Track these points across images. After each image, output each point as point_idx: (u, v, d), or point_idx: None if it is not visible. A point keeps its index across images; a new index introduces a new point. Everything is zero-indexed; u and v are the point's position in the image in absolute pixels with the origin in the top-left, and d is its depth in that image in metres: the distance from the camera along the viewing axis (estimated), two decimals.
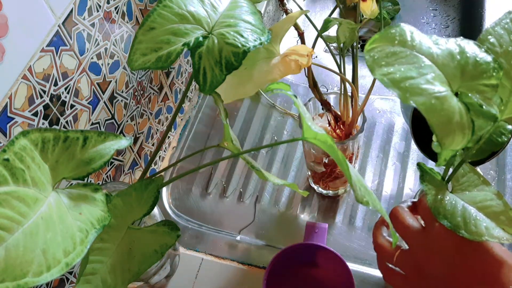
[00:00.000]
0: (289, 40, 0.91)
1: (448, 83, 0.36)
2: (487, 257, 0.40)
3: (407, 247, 0.45)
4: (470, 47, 0.38)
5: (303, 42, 0.56)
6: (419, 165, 0.43)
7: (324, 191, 0.71)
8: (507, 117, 0.39)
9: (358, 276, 0.62)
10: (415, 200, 0.48)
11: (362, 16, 0.73)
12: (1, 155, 0.30)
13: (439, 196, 0.41)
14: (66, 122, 0.51)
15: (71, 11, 0.48)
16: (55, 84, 0.48)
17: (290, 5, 0.76)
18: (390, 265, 0.46)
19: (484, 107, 0.36)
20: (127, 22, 0.59)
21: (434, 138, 0.42)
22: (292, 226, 0.70)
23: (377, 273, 0.63)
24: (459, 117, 0.35)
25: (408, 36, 0.37)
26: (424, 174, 0.43)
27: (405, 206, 0.47)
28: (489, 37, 0.39)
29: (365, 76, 0.82)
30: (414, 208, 0.47)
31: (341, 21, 0.55)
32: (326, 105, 0.61)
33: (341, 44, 0.58)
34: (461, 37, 0.39)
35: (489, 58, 0.37)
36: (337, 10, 0.61)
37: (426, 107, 0.34)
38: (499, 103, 0.38)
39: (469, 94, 0.36)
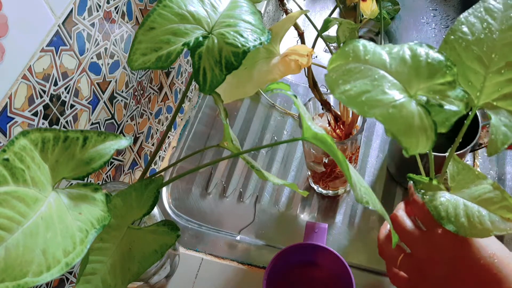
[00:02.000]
0: (289, 40, 0.91)
1: (405, 89, 0.37)
2: (487, 258, 0.40)
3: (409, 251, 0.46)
4: (423, 49, 0.38)
5: (303, 42, 0.56)
6: (409, 177, 0.44)
7: (324, 191, 0.71)
8: (484, 102, 0.40)
9: (358, 276, 0.62)
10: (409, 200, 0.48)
11: (362, 16, 0.73)
12: (1, 155, 0.30)
13: (437, 200, 0.41)
14: (66, 122, 0.51)
15: (71, 11, 0.48)
16: (55, 84, 0.48)
17: (290, 5, 0.76)
18: (396, 269, 0.47)
19: (445, 107, 0.36)
20: (127, 22, 0.59)
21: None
22: (292, 226, 0.70)
23: (376, 273, 0.63)
24: (419, 120, 0.35)
25: (361, 51, 0.38)
26: (416, 184, 0.43)
27: (402, 208, 0.48)
28: (462, 26, 0.40)
29: None
30: (408, 206, 0.47)
31: (341, 21, 0.55)
32: (326, 105, 0.61)
33: (341, 44, 0.58)
34: (416, 41, 0.39)
35: (441, 57, 0.38)
36: (337, 10, 0.62)
37: (384, 117, 0.35)
38: (477, 89, 0.39)
39: (424, 97, 0.37)
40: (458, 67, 0.40)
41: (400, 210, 0.47)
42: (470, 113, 0.40)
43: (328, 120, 0.64)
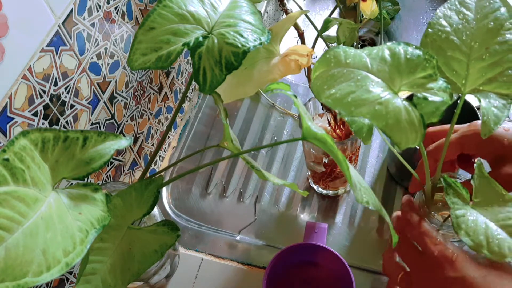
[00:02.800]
0: (289, 40, 0.91)
1: (388, 86, 0.38)
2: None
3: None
4: (401, 47, 0.39)
5: (303, 42, 0.56)
6: (444, 178, 0.43)
7: (324, 191, 0.71)
8: (471, 88, 0.40)
9: (358, 276, 0.62)
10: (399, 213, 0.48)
11: (362, 16, 0.73)
12: (1, 155, 0.30)
13: (462, 211, 0.40)
14: (66, 122, 0.51)
15: (71, 11, 0.48)
16: (55, 84, 0.48)
17: (290, 5, 0.76)
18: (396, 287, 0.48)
19: (429, 98, 0.37)
20: (127, 22, 0.59)
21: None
22: (292, 226, 0.70)
23: (376, 273, 0.63)
24: (406, 114, 0.36)
25: (341, 55, 0.39)
26: (448, 187, 0.42)
27: (395, 216, 0.48)
28: (439, 20, 0.41)
29: None
30: (400, 221, 0.47)
31: (341, 21, 0.55)
32: (326, 105, 0.61)
33: (341, 44, 0.58)
34: (394, 41, 0.40)
35: (419, 52, 0.39)
36: (337, 10, 0.62)
37: (371, 114, 0.35)
38: (463, 77, 0.40)
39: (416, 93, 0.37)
40: (441, 58, 0.41)
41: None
42: (459, 102, 0.41)
43: (328, 120, 0.64)
